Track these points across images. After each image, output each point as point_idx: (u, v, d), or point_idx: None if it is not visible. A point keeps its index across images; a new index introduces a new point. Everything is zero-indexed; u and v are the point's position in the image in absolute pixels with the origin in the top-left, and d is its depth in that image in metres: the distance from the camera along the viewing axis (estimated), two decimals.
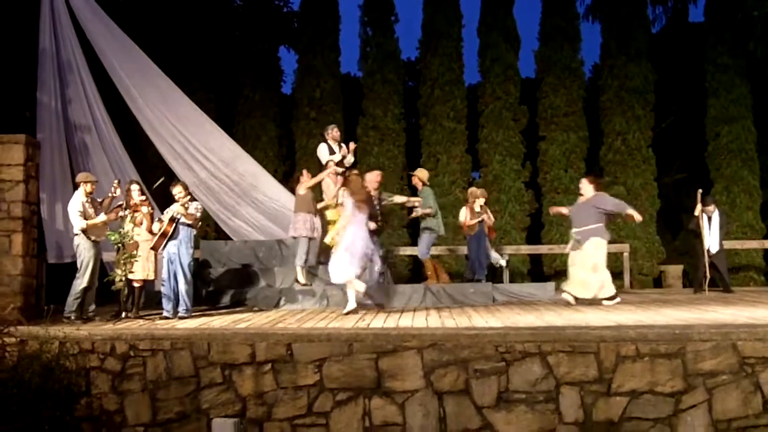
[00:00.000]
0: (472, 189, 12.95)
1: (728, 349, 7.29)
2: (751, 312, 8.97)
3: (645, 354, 7.34)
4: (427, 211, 12.01)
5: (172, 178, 12.30)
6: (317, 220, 11.66)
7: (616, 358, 7.36)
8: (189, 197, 9.95)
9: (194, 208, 9.87)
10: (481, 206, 12.33)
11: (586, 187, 10.46)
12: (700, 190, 12.70)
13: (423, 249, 12.21)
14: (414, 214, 12.35)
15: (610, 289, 10.24)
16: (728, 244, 13.92)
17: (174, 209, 9.71)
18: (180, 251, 9.67)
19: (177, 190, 9.80)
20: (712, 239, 12.56)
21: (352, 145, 12.43)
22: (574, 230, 10.39)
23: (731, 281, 13.35)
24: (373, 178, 10.85)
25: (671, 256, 16.93)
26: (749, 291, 13.48)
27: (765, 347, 7.26)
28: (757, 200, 16.60)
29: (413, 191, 16.55)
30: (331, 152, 12.09)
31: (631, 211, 10.21)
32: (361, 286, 9.58)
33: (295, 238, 11.43)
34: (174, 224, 9.64)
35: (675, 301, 10.97)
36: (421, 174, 12.57)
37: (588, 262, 10.15)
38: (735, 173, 16.54)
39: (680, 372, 7.29)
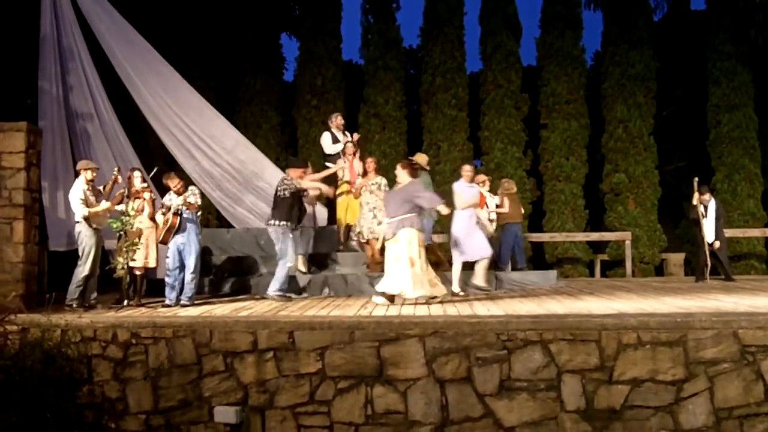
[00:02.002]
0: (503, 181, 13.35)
1: (729, 338, 7.30)
2: (752, 300, 8.98)
3: (646, 342, 7.35)
4: None
5: (173, 166, 12.31)
6: (320, 210, 11.75)
7: (618, 346, 7.37)
8: (184, 186, 9.93)
9: (193, 195, 9.84)
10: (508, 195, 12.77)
11: (400, 173, 9.72)
12: (696, 179, 12.68)
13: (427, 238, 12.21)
14: None
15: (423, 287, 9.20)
16: (730, 233, 13.92)
17: (176, 203, 9.69)
18: (189, 241, 9.67)
19: (174, 183, 9.81)
20: (708, 228, 12.55)
21: (356, 136, 12.46)
22: (386, 220, 9.54)
23: (732, 270, 13.35)
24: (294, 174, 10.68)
25: (673, 244, 16.94)
26: (750, 279, 13.49)
27: (766, 335, 7.27)
28: (759, 188, 16.58)
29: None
30: (335, 140, 12.14)
31: (440, 207, 9.43)
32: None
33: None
34: (179, 217, 9.65)
35: (676, 290, 10.98)
36: (419, 159, 12.56)
37: (403, 256, 9.15)
38: (736, 161, 16.51)
39: (681, 360, 7.30)
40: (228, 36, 17.69)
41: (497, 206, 12.51)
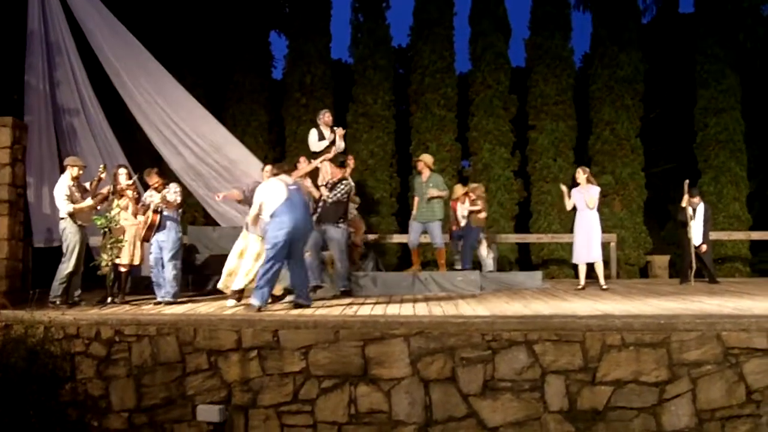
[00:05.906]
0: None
1: (713, 340, 7.35)
2: (736, 303, 9.03)
3: (630, 343, 7.39)
4: (443, 194, 12.12)
5: (160, 163, 12.28)
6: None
7: (602, 348, 7.41)
8: (164, 184, 9.90)
9: (173, 192, 9.81)
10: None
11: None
12: (687, 181, 12.73)
13: (440, 240, 12.24)
14: (430, 195, 12.23)
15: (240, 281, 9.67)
16: (714, 235, 13.96)
17: (154, 200, 9.66)
18: (168, 238, 9.65)
19: (153, 181, 9.81)
20: (695, 231, 12.60)
21: (340, 131, 12.36)
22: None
23: (717, 272, 13.41)
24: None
25: (658, 246, 16.98)
26: (735, 282, 13.54)
27: (749, 338, 7.33)
28: (744, 191, 16.65)
29: (404, 178, 16.50)
30: (321, 137, 12.06)
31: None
32: None
33: None
34: (159, 215, 9.62)
35: (661, 291, 11.03)
36: (428, 159, 12.55)
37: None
38: (723, 164, 16.56)
39: (665, 362, 7.34)
40: (217, 34, 17.59)
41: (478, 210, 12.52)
